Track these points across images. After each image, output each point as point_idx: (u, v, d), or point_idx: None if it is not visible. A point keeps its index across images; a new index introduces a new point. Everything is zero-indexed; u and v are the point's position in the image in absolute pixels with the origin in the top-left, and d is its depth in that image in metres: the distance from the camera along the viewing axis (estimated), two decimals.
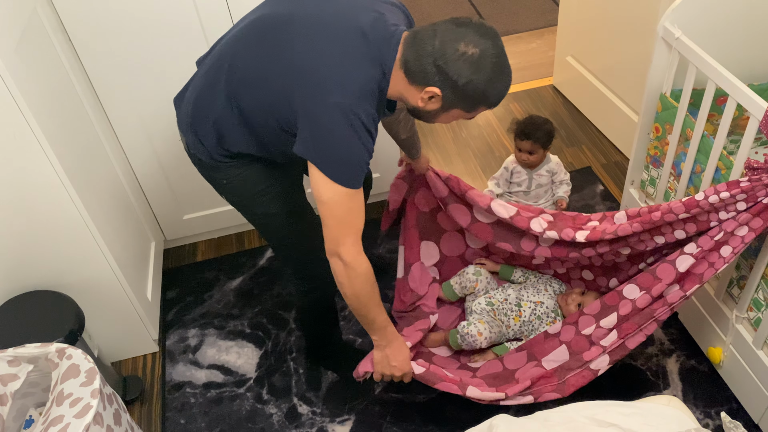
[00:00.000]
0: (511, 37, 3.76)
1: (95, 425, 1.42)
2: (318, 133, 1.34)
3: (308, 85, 1.34)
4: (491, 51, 1.32)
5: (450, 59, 1.31)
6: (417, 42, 1.34)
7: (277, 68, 1.38)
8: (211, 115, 1.52)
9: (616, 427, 1.31)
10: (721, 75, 1.71)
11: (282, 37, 1.39)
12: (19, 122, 1.61)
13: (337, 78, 1.32)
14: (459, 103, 1.39)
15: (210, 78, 1.52)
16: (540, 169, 2.42)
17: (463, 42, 1.31)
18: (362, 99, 1.34)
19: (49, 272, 1.90)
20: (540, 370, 1.90)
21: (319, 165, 1.35)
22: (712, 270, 1.68)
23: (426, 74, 1.34)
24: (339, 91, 1.32)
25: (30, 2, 1.79)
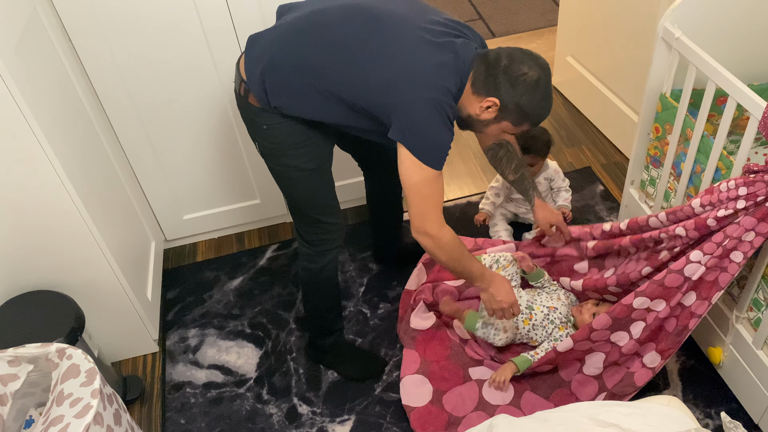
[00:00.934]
0: (511, 37, 3.76)
1: (95, 425, 1.42)
2: (413, 123, 1.53)
3: (410, 83, 1.52)
4: (545, 78, 1.56)
5: (513, 77, 1.54)
6: (488, 60, 1.57)
7: (381, 62, 1.54)
8: (291, 76, 1.60)
9: (617, 427, 1.31)
10: (721, 75, 1.71)
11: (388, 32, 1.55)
12: (19, 122, 1.61)
13: (433, 79, 1.53)
14: (510, 116, 1.60)
15: (303, 41, 1.60)
16: (538, 176, 2.42)
17: (526, 65, 1.54)
18: (448, 97, 1.55)
19: (49, 272, 1.90)
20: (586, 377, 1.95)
21: (413, 150, 1.55)
22: (728, 275, 1.68)
23: (490, 86, 1.56)
24: (433, 89, 1.52)
25: (30, 2, 1.79)
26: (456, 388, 2.00)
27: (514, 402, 1.96)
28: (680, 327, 1.78)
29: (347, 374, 2.11)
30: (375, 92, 1.56)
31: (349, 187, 2.58)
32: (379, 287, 2.40)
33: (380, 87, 1.54)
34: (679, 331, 1.79)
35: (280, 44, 1.62)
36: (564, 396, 1.96)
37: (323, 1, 1.67)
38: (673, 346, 1.81)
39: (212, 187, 2.49)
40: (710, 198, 1.69)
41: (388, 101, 1.54)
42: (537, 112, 1.59)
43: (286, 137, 1.70)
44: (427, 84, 1.52)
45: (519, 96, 1.55)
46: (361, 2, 1.61)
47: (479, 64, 1.57)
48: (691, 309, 1.75)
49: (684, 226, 1.73)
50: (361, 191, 2.63)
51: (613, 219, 2.56)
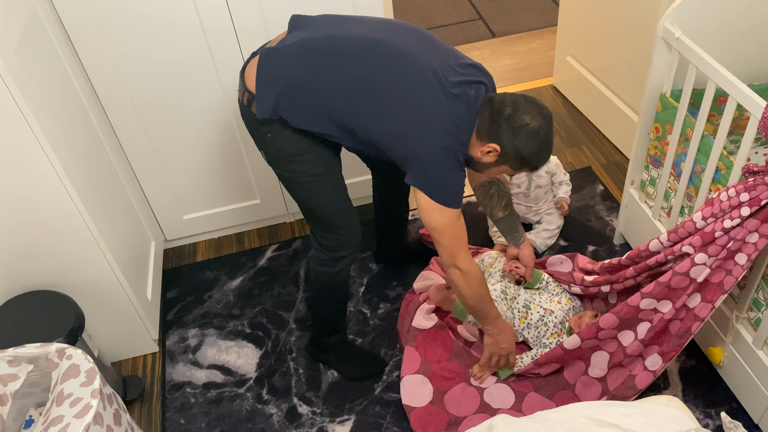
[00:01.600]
0: (511, 37, 3.76)
1: (95, 425, 1.42)
2: (428, 171, 1.60)
3: (424, 134, 1.58)
4: (545, 128, 1.61)
5: (516, 125, 1.58)
6: (493, 107, 1.60)
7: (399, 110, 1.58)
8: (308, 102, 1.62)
9: (617, 427, 1.31)
10: (721, 75, 1.71)
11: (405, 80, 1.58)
12: (19, 122, 1.61)
13: (447, 130, 1.59)
14: (510, 161, 1.64)
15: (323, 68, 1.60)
16: (539, 170, 2.42)
17: (529, 115, 1.58)
18: (459, 144, 1.62)
19: (49, 272, 1.90)
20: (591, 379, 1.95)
21: (431, 195, 1.62)
22: (732, 278, 1.68)
23: (492, 133, 1.60)
24: (446, 138, 1.59)
25: (30, 2, 1.79)
26: (457, 387, 2.00)
27: (516, 405, 1.96)
28: (683, 329, 1.78)
29: (347, 374, 2.11)
30: (390, 138, 1.61)
31: (352, 186, 2.57)
32: (379, 287, 2.40)
33: (396, 134, 1.60)
34: (681, 334, 1.79)
35: (298, 68, 1.61)
36: (567, 398, 1.96)
37: (340, 23, 1.68)
38: (675, 349, 1.81)
39: (212, 187, 2.49)
40: (711, 210, 1.68)
41: (402, 149, 1.61)
42: (536, 158, 1.64)
43: (291, 144, 1.70)
44: (441, 135, 1.58)
45: (519, 144, 1.59)
46: (383, 38, 1.61)
47: (485, 110, 1.61)
48: (695, 311, 1.75)
49: (691, 243, 1.71)
50: (364, 190, 2.63)
51: (612, 219, 2.56)
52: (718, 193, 1.67)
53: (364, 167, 2.52)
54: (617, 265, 2.00)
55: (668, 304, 1.77)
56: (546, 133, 1.61)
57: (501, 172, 1.71)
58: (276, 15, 2.10)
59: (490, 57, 3.61)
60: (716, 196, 1.68)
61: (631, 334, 1.85)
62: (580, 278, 2.11)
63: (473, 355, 2.09)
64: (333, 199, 1.82)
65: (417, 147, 1.59)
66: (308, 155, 1.72)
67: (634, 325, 1.84)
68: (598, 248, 2.46)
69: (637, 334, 1.84)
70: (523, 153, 1.61)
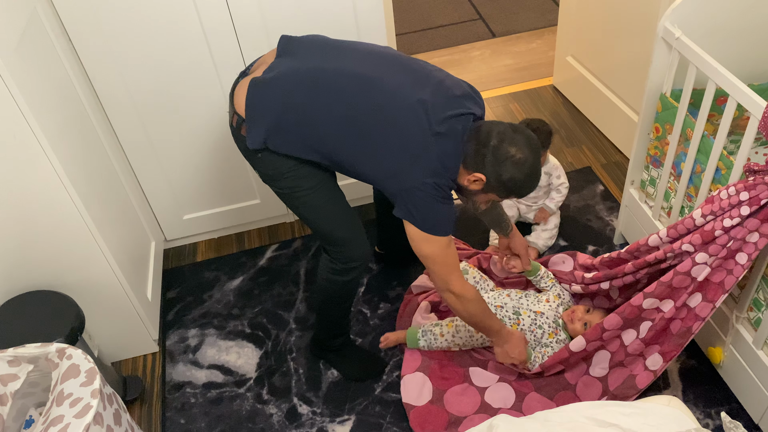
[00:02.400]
0: (511, 37, 3.76)
1: (95, 425, 1.42)
2: (417, 205, 1.63)
3: (413, 173, 1.61)
4: (531, 159, 1.63)
5: (500, 157, 1.61)
6: (479, 138, 1.62)
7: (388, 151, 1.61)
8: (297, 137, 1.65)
9: (617, 427, 1.31)
10: (721, 75, 1.71)
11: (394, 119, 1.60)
12: (19, 122, 1.61)
13: (435, 168, 1.61)
14: (496, 190, 1.68)
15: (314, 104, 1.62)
16: None
17: (515, 147, 1.61)
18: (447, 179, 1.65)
19: (49, 272, 1.90)
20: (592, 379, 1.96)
21: (419, 226, 1.65)
22: (732, 278, 1.68)
23: (478, 163, 1.63)
24: (435, 175, 1.62)
25: (30, 2, 1.79)
26: (456, 387, 2.00)
27: (516, 405, 1.96)
28: (684, 329, 1.78)
29: (348, 374, 2.11)
30: (378, 175, 1.66)
31: (351, 186, 2.58)
32: (379, 287, 2.40)
33: (384, 173, 1.64)
34: (682, 333, 1.79)
35: (288, 104, 1.62)
36: (568, 398, 1.96)
37: (331, 51, 1.68)
38: (676, 349, 1.81)
39: (212, 187, 2.49)
40: (711, 207, 1.68)
41: (391, 185, 1.65)
42: (521, 188, 1.67)
43: (282, 163, 1.71)
44: (428, 173, 1.61)
45: (504, 174, 1.62)
46: (374, 75, 1.63)
47: (471, 140, 1.63)
48: (696, 311, 1.75)
49: (690, 241, 1.71)
50: (364, 191, 2.63)
51: (612, 219, 2.56)
52: (718, 191, 1.67)
53: None
54: (616, 258, 2.00)
55: (670, 303, 1.77)
56: (532, 165, 1.64)
57: (488, 198, 1.75)
58: (276, 15, 2.10)
59: (490, 57, 3.61)
60: (716, 194, 1.68)
61: (633, 333, 1.86)
62: (581, 276, 2.11)
63: (474, 356, 2.09)
64: (333, 212, 1.82)
65: (405, 183, 1.62)
66: (300, 170, 1.72)
67: (637, 324, 1.84)
68: (598, 248, 2.46)
69: (639, 332, 1.84)
70: (509, 184, 1.65)
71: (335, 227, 1.83)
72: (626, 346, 1.87)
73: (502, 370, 2.05)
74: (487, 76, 3.47)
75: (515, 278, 2.26)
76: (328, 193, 1.81)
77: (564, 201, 2.61)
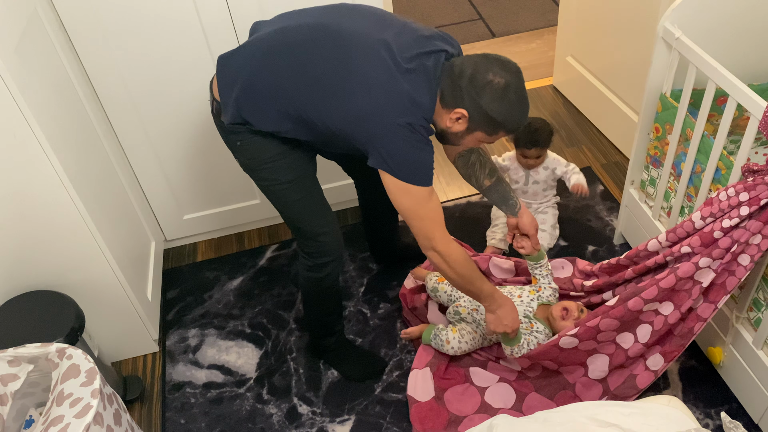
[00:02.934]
0: (511, 37, 3.76)
1: (95, 425, 1.42)
2: (392, 150, 1.52)
3: (381, 114, 1.51)
4: (514, 83, 1.52)
5: (479, 85, 1.50)
6: (453, 71, 1.53)
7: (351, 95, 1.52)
8: (265, 102, 1.60)
9: (617, 427, 1.31)
10: (721, 75, 1.71)
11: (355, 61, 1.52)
12: (19, 122, 1.61)
13: (404, 105, 1.51)
14: (483, 126, 1.56)
15: (272, 64, 1.58)
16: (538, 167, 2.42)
17: (491, 72, 1.50)
18: (421, 119, 1.54)
19: (49, 272, 1.90)
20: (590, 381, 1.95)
21: (397, 175, 1.54)
22: (735, 279, 1.68)
23: (457, 98, 1.53)
24: (405, 114, 1.51)
25: (30, 2, 1.79)
26: (457, 387, 2.00)
27: (516, 405, 1.96)
28: (685, 330, 1.78)
29: (347, 374, 2.11)
30: (348, 124, 1.55)
31: (345, 188, 2.58)
32: (379, 287, 2.40)
33: (353, 119, 1.54)
34: (683, 334, 1.79)
35: (250, 68, 1.60)
36: (568, 398, 1.96)
37: (290, 17, 1.65)
38: (678, 349, 1.81)
39: (212, 187, 2.49)
40: (710, 209, 1.68)
41: (362, 133, 1.54)
42: (510, 118, 1.55)
43: (259, 152, 1.70)
44: (399, 111, 1.51)
45: (486, 103, 1.51)
46: (332, 22, 1.57)
47: (446, 77, 1.54)
48: (698, 312, 1.75)
49: (689, 244, 1.71)
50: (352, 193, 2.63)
51: (612, 219, 2.56)
52: (717, 192, 1.67)
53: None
54: (616, 264, 2.00)
55: (670, 306, 1.77)
56: (516, 89, 1.52)
57: (477, 140, 1.62)
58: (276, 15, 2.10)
59: None
60: (715, 195, 1.68)
61: (631, 337, 1.85)
62: (580, 284, 2.09)
63: (474, 357, 2.09)
64: (307, 207, 1.80)
65: (376, 127, 1.52)
66: (278, 162, 1.71)
67: (634, 327, 1.84)
68: (598, 248, 2.46)
69: (637, 336, 1.84)
70: (493, 113, 1.52)
71: (309, 222, 1.81)
72: (626, 350, 1.86)
73: (502, 371, 2.05)
74: None
75: (513, 281, 2.25)
76: (305, 187, 1.79)
77: (564, 201, 2.62)
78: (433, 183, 1.59)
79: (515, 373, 2.04)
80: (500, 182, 2.00)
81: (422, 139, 1.54)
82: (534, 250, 2.06)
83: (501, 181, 2.00)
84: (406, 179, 1.55)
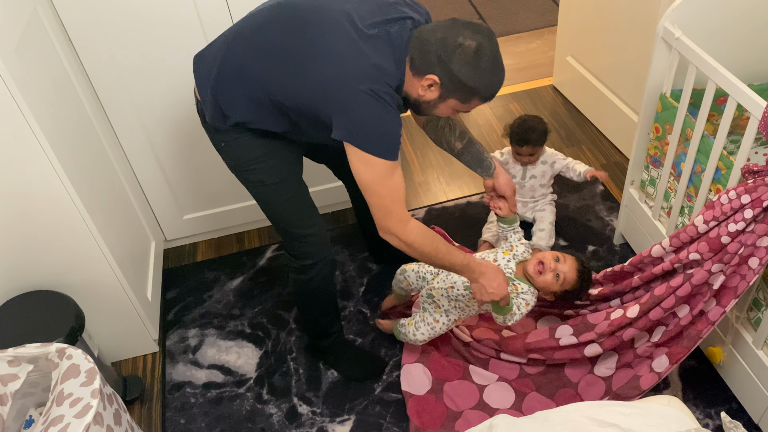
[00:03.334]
0: (511, 37, 3.76)
1: (95, 425, 1.42)
2: (355, 118, 1.47)
3: (343, 83, 1.46)
4: (487, 46, 1.45)
5: (449, 49, 1.44)
6: (422, 37, 1.47)
7: (311, 66, 1.49)
8: (235, 88, 1.59)
9: (617, 427, 1.31)
10: (721, 75, 1.71)
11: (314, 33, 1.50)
12: (19, 122, 1.61)
13: (367, 72, 1.46)
14: (455, 92, 1.50)
15: (237, 50, 1.58)
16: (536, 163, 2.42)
17: (461, 36, 1.43)
18: (385, 86, 1.48)
19: (49, 272, 1.90)
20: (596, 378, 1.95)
21: (361, 145, 1.48)
22: (745, 283, 1.67)
23: (427, 64, 1.47)
24: (368, 81, 1.45)
25: (30, 2, 1.79)
26: (456, 381, 2.00)
27: (516, 405, 1.96)
28: (693, 332, 1.79)
29: (347, 374, 2.11)
30: (313, 97, 1.51)
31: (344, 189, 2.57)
32: (379, 287, 2.40)
33: (317, 91, 1.49)
34: (691, 336, 1.79)
35: (219, 58, 1.61)
36: (569, 396, 1.96)
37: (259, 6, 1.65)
38: (684, 351, 1.81)
39: (212, 187, 2.49)
40: (713, 213, 1.67)
41: (328, 105, 1.49)
42: (483, 83, 1.47)
43: (243, 152, 1.69)
44: (362, 78, 1.45)
45: (457, 68, 1.44)
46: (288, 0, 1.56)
47: (415, 44, 1.48)
48: (709, 316, 1.76)
49: (697, 250, 1.71)
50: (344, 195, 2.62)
51: (612, 219, 2.56)
52: (718, 196, 1.67)
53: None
54: (620, 272, 2.00)
55: (686, 308, 1.78)
56: (489, 52, 1.44)
57: (451, 108, 1.55)
58: None
59: None
60: (716, 199, 1.67)
61: (645, 336, 1.87)
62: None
63: (473, 354, 2.09)
64: (293, 208, 1.79)
65: (339, 96, 1.46)
66: (263, 164, 1.71)
67: (652, 329, 1.86)
68: (598, 248, 2.46)
69: (651, 336, 1.86)
70: (465, 79, 1.45)
71: (293, 222, 1.80)
72: (635, 348, 1.87)
73: (502, 369, 2.05)
74: None
75: None
76: (291, 188, 1.78)
77: (564, 201, 2.62)
78: (398, 159, 1.53)
79: (516, 372, 2.03)
80: (472, 143, 1.91)
81: (387, 108, 1.47)
82: (510, 213, 1.96)
83: (473, 142, 1.91)
84: (367, 149, 1.48)
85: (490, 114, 3.19)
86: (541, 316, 2.18)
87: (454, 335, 2.13)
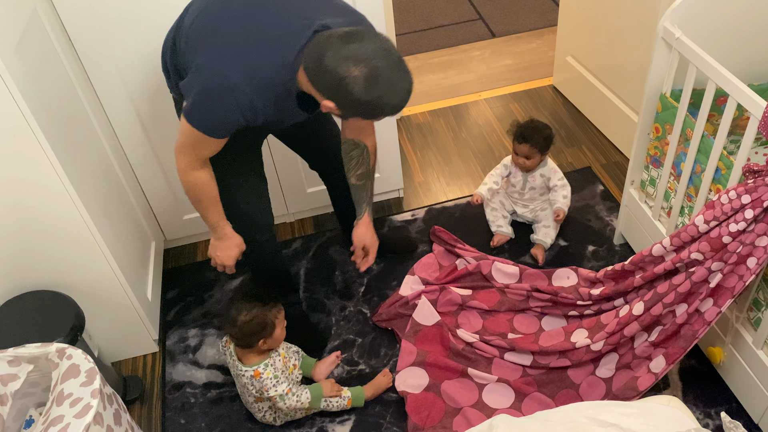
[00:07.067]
0: (511, 37, 3.76)
1: (95, 425, 1.42)
2: (199, 92, 1.53)
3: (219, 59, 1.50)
4: (381, 67, 1.39)
5: (341, 79, 1.39)
6: (316, 53, 1.43)
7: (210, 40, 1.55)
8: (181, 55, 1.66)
9: (616, 427, 1.31)
10: (721, 75, 1.71)
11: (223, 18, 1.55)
12: (19, 122, 1.61)
13: (239, 66, 1.47)
14: (356, 114, 1.49)
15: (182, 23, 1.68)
16: (534, 172, 2.42)
17: (352, 62, 1.38)
18: (256, 86, 1.49)
19: (49, 272, 1.90)
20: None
21: (186, 111, 1.56)
22: (741, 283, 1.68)
23: (322, 89, 1.45)
24: (217, 58, 1.49)
25: (30, 2, 1.79)
26: (454, 380, 2.01)
27: (515, 405, 1.96)
28: (690, 332, 1.79)
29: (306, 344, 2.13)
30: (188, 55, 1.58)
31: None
32: (379, 287, 2.40)
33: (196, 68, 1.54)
34: (687, 336, 1.79)
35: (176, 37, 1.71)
36: (570, 397, 1.96)
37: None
38: (680, 352, 1.81)
39: None
40: (713, 213, 1.67)
41: (194, 60, 1.53)
42: (382, 107, 1.44)
43: None
44: (212, 56, 1.49)
45: (352, 99, 1.41)
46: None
47: (308, 55, 1.44)
48: (705, 316, 1.76)
49: (699, 250, 1.71)
50: None
51: (612, 219, 2.56)
52: (718, 195, 1.67)
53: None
54: (621, 271, 2.00)
55: (683, 306, 1.78)
56: (385, 74, 1.39)
57: (358, 123, 1.57)
58: None
59: (490, 57, 3.61)
60: (716, 198, 1.67)
61: (644, 335, 1.88)
62: (587, 293, 2.08)
63: (476, 354, 2.09)
64: (238, 192, 1.87)
65: (201, 75, 1.50)
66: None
67: (651, 328, 1.86)
68: (598, 248, 2.46)
69: (650, 335, 1.86)
70: (361, 106, 1.43)
71: (231, 208, 1.87)
72: (634, 348, 1.87)
73: (503, 370, 2.05)
74: (487, 76, 3.47)
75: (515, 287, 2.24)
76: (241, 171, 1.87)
77: None
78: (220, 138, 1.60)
79: (518, 373, 2.03)
80: (363, 189, 1.96)
81: (236, 107, 1.50)
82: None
83: (364, 189, 1.96)
84: (190, 119, 1.55)
85: (490, 114, 3.19)
86: (543, 316, 2.18)
87: (456, 337, 2.13)
